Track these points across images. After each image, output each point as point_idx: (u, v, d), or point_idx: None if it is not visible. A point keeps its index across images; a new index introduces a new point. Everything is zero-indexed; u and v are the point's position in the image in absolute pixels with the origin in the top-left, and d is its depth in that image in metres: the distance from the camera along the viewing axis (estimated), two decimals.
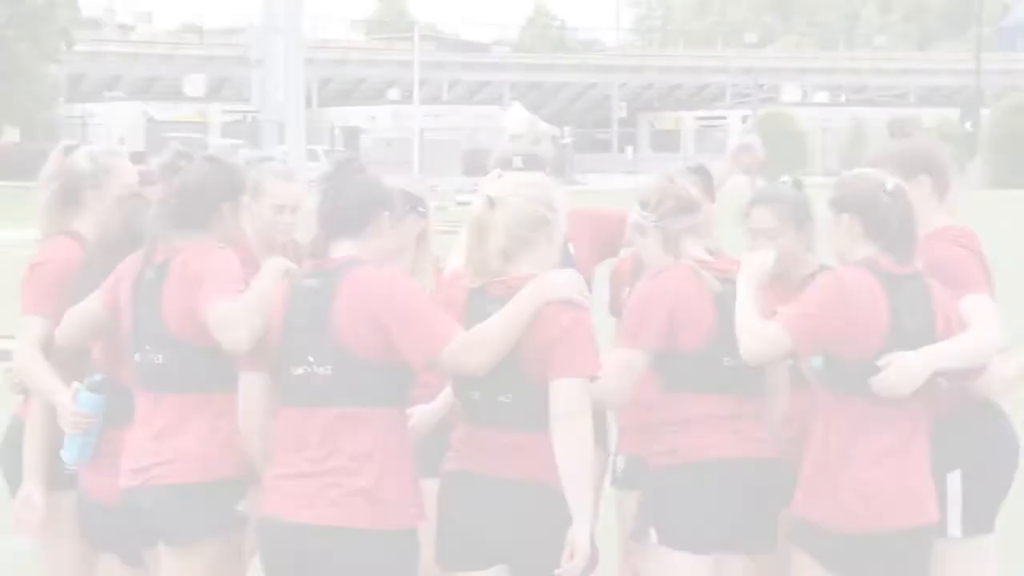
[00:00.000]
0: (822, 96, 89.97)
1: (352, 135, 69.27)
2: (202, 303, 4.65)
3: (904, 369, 4.74)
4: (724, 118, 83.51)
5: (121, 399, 4.93)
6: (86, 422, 4.94)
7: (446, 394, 4.89)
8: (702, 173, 5.42)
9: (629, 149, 77.85)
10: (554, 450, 4.41)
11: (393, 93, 78.59)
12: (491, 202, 4.58)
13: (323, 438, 4.49)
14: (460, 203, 39.69)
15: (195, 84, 76.96)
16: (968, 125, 75.87)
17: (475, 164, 50.49)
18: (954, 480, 5.02)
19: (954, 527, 5.02)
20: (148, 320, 4.80)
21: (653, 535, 4.84)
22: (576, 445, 4.41)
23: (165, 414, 4.76)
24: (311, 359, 4.51)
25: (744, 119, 76.47)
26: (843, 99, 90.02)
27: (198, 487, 4.69)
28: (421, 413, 4.96)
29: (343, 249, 4.59)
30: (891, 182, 4.83)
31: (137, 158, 5.27)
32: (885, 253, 4.82)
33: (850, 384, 4.80)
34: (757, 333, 4.74)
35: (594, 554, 4.45)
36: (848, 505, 4.76)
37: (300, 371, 4.53)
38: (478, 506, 4.55)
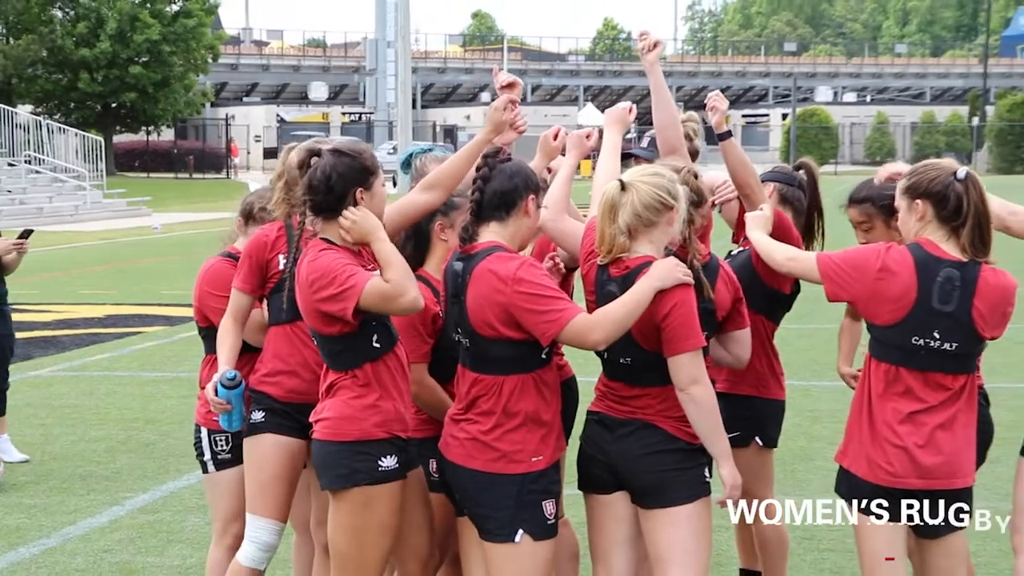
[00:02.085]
0: (850, 96, 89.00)
1: (450, 132, 68.29)
2: (347, 298, 4.38)
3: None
4: (767, 116, 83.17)
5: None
6: (222, 408, 4.95)
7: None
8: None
9: None
10: (686, 415, 4.36)
11: (485, 96, 77.72)
12: (623, 186, 4.40)
13: (465, 394, 4.49)
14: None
15: (319, 90, 76.76)
16: (975, 121, 74.91)
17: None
18: None
19: None
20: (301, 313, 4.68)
21: None
22: (701, 408, 4.33)
23: (326, 380, 4.61)
24: (459, 330, 4.48)
25: (784, 116, 76.06)
26: (868, 99, 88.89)
27: (340, 445, 4.51)
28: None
29: (489, 235, 4.48)
30: (962, 171, 4.37)
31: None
32: (950, 239, 4.36)
33: (877, 349, 4.45)
34: (784, 254, 4.70)
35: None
36: (873, 459, 4.41)
37: (456, 338, 4.52)
38: (608, 442, 4.52)
